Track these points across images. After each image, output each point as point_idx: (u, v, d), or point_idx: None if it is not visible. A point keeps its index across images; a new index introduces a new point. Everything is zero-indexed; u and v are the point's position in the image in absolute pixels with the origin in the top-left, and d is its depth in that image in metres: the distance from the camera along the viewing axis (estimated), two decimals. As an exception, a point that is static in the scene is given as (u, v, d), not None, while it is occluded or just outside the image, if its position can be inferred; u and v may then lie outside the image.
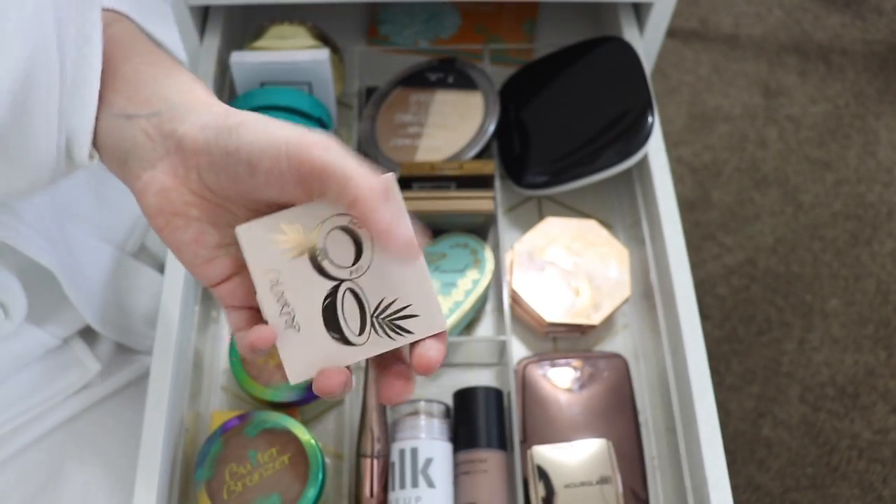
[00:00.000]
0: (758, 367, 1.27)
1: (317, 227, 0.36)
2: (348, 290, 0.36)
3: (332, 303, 0.36)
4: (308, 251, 0.36)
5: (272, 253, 0.36)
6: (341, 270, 0.36)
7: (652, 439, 0.62)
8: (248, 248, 0.36)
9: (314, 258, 0.36)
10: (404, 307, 0.36)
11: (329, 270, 0.36)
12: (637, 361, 0.65)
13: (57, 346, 0.57)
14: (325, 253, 0.36)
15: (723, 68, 1.60)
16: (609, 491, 0.54)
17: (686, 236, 0.65)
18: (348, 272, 0.36)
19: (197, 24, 0.74)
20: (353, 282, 0.36)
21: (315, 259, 0.36)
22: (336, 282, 0.36)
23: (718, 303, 1.33)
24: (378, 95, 0.74)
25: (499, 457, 0.57)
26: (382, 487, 0.56)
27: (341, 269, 0.36)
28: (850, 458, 1.20)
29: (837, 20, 1.67)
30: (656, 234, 0.66)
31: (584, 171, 0.68)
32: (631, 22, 0.77)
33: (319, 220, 0.36)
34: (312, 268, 0.36)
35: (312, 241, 0.36)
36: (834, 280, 1.35)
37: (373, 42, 0.84)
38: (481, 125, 0.70)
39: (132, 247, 0.63)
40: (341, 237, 0.36)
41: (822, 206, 1.43)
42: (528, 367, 0.62)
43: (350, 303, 0.36)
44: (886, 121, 1.53)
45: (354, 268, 0.36)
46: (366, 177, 0.33)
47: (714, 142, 1.50)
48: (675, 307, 0.61)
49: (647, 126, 0.67)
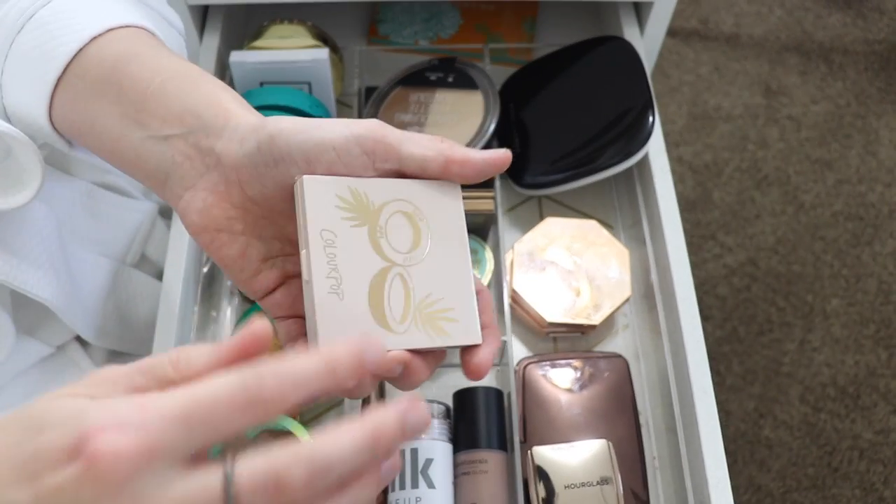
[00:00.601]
0: (758, 368, 1.27)
1: (382, 204, 0.36)
2: (398, 276, 0.35)
3: (380, 282, 0.35)
4: (369, 224, 0.35)
5: (333, 213, 0.35)
6: (396, 254, 0.36)
7: (652, 440, 0.62)
8: (308, 200, 0.34)
9: (373, 233, 0.35)
10: (448, 309, 0.36)
11: (385, 250, 0.35)
12: (637, 362, 0.65)
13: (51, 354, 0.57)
14: (384, 232, 0.35)
15: (723, 68, 1.59)
16: (609, 491, 0.53)
17: (686, 236, 0.65)
18: (403, 258, 0.36)
19: (196, 23, 0.74)
20: (405, 268, 0.36)
21: (374, 235, 0.35)
22: (389, 263, 0.35)
23: (719, 303, 1.33)
24: (378, 95, 0.74)
25: (499, 457, 0.57)
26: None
27: (397, 253, 0.36)
28: (851, 459, 1.20)
29: (838, 20, 1.67)
30: (657, 234, 0.66)
31: (585, 171, 0.68)
32: (631, 21, 0.77)
33: (387, 199, 0.36)
34: (369, 242, 0.35)
35: (375, 216, 0.35)
36: (835, 280, 1.35)
37: (373, 41, 0.84)
38: (481, 125, 0.70)
39: (132, 258, 0.62)
40: (402, 222, 0.36)
41: (823, 205, 1.43)
42: (529, 367, 0.62)
43: (398, 288, 0.35)
44: (887, 120, 1.53)
45: (410, 255, 0.36)
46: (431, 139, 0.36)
47: (715, 141, 1.50)
48: (676, 307, 0.60)
49: (648, 126, 0.67)
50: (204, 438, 0.26)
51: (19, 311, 0.51)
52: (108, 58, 0.39)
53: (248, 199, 0.36)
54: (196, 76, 0.39)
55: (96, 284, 0.58)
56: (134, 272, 0.62)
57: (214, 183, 0.36)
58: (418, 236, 0.36)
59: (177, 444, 0.25)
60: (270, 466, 0.26)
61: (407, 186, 0.37)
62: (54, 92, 0.40)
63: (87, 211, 0.58)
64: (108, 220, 0.60)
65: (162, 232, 0.65)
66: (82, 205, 0.58)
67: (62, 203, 0.56)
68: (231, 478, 0.26)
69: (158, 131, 0.37)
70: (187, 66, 0.40)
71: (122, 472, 0.24)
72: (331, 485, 0.27)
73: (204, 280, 0.65)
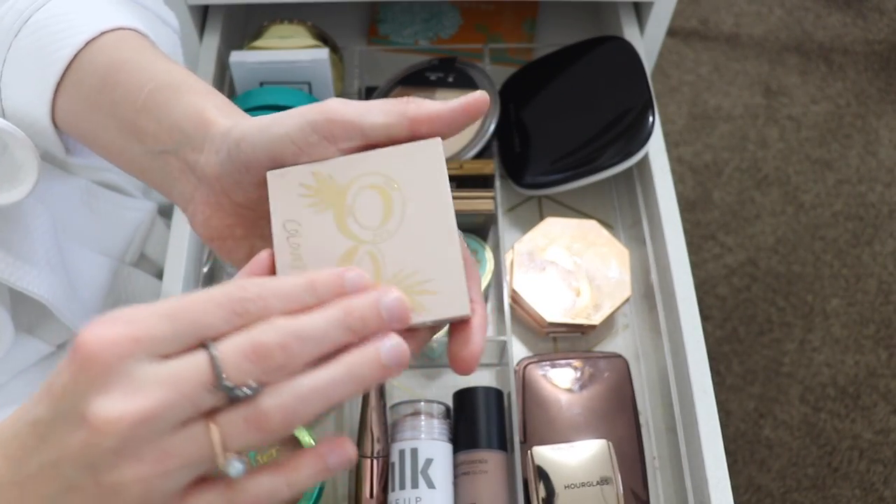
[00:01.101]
0: (758, 368, 1.27)
1: (349, 182, 0.34)
2: (367, 254, 0.33)
3: (346, 264, 0.33)
4: (334, 206, 0.34)
5: (297, 202, 0.34)
6: (365, 231, 0.33)
7: (652, 440, 0.62)
8: (273, 194, 0.34)
9: (339, 215, 0.34)
10: (425, 281, 0.32)
11: (352, 229, 0.33)
12: (637, 362, 0.65)
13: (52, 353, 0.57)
14: (352, 210, 0.34)
15: (723, 68, 1.59)
16: (609, 491, 0.53)
17: (686, 236, 0.65)
18: (372, 234, 0.33)
19: (196, 23, 0.74)
20: (374, 245, 0.33)
21: (340, 216, 0.34)
22: (356, 243, 0.33)
23: (719, 303, 1.33)
24: (378, 95, 0.74)
25: (499, 457, 0.57)
26: (382, 488, 0.56)
27: (365, 230, 0.33)
28: (851, 459, 1.20)
29: (838, 19, 1.67)
30: (657, 234, 0.66)
31: (585, 171, 0.68)
32: (631, 21, 0.77)
33: (353, 175, 0.34)
34: (335, 224, 0.34)
35: (342, 196, 0.34)
36: (835, 280, 1.35)
37: (373, 41, 0.84)
38: (481, 125, 0.70)
39: (132, 257, 0.62)
40: (372, 196, 0.34)
41: (823, 205, 1.43)
42: (529, 367, 0.62)
43: (367, 268, 0.33)
44: (887, 120, 1.53)
45: (379, 230, 0.33)
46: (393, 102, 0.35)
47: (715, 141, 1.50)
48: (676, 307, 0.60)
49: (648, 126, 0.67)
50: (188, 336, 0.27)
51: (19, 309, 0.51)
52: (99, 68, 0.40)
53: (238, 206, 0.36)
54: (179, 85, 0.38)
55: (95, 283, 0.58)
56: (133, 271, 0.62)
57: (206, 195, 0.36)
58: (390, 208, 0.33)
59: (162, 335, 0.27)
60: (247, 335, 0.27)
61: (377, 157, 0.34)
62: (56, 96, 0.40)
63: (86, 209, 0.58)
64: (108, 218, 0.60)
65: (162, 231, 0.65)
66: (82, 202, 0.58)
67: (61, 201, 0.56)
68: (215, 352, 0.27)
69: (153, 147, 0.38)
70: (172, 74, 0.39)
71: (107, 357, 0.26)
72: (310, 351, 0.28)
73: (204, 279, 0.65)
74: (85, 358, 0.26)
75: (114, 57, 0.40)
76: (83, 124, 0.41)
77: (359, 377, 0.29)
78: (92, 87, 0.40)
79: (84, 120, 0.40)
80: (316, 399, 0.28)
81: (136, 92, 0.38)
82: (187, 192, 0.37)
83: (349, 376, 0.28)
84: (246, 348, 0.27)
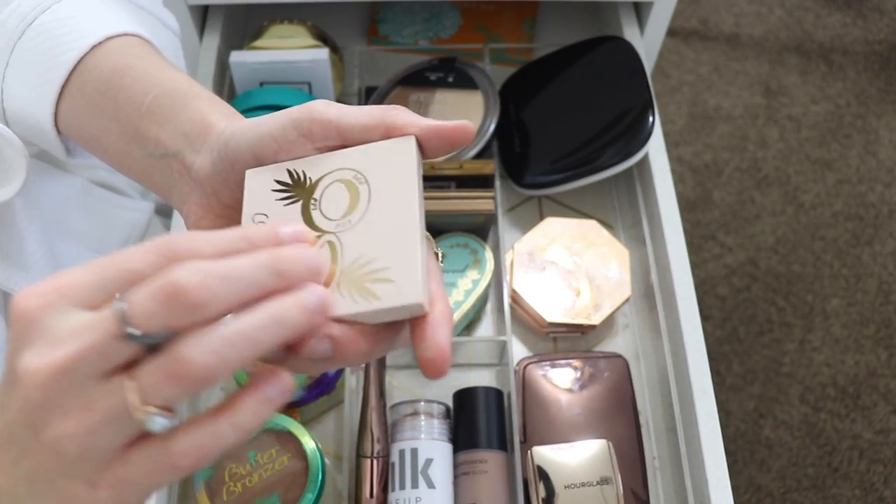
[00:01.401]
0: (758, 368, 1.27)
1: (320, 177, 0.35)
2: (327, 243, 0.33)
3: None
4: (303, 199, 0.34)
5: (268, 197, 0.35)
6: (328, 222, 0.34)
7: (652, 440, 0.62)
8: (248, 190, 0.35)
9: (306, 207, 0.34)
10: (380, 269, 0.32)
11: (316, 221, 0.34)
12: (637, 362, 0.65)
13: None
14: (318, 203, 0.34)
15: (723, 68, 1.59)
16: (609, 491, 0.53)
17: (686, 236, 0.65)
18: (335, 225, 0.34)
19: (197, 23, 0.74)
20: (335, 235, 0.33)
21: (307, 208, 0.34)
22: (318, 233, 0.34)
23: (719, 303, 1.33)
24: (378, 95, 0.74)
25: (499, 457, 0.57)
26: (382, 488, 0.56)
27: (328, 221, 0.34)
28: (851, 459, 1.20)
29: (838, 20, 1.67)
30: (657, 234, 0.66)
31: (585, 171, 0.68)
32: (631, 21, 0.77)
33: (325, 171, 0.35)
34: (300, 216, 0.34)
35: (311, 190, 0.34)
36: (835, 280, 1.35)
37: (373, 41, 0.84)
38: (481, 125, 0.70)
39: None
40: (339, 190, 0.34)
41: (823, 205, 1.43)
42: (529, 367, 0.62)
43: (324, 256, 0.33)
44: (887, 120, 1.53)
45: (342, 221, 0.34)
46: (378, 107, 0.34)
47: (715, 141, 1.50)
48: (676, 307, 0.60)
49: (648, 126, 0.67)
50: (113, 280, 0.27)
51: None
52: (104, 72, 0.40)
53: (226, 206, 0.37)
54: (185, 92, 0.39)
55: None
56: None
57: (199, 196, 0.37)
58: (356, 200, 0.34)
59: (85, 284, 0.27)
60: (165, 276, 0.26)
61: (352, 153, 0.35)
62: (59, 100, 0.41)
63: (81, 208, 0.59)
64: (104, 217, 0.60)
65: (159, 230, 0.65)
66: (77, 202, 0.58)
67: (57, 200, 0.56)
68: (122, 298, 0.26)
69: (155, 151, 0.38)
70: (178, 81, 0.40)
71: (31, 311, 0.26)
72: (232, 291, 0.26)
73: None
74: (14, 315, 0.26)
75: (118, 62, 0.40)
76: (85, 128, 0.41)
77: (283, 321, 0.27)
78: (95, 91, 0.40)
79: (86, 124, 0.41)
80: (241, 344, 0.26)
81: (140, 97, 0.39)
82: (185, 193, 0.37)
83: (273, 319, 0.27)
84: (156, 290, 0.25)
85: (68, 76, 0.40)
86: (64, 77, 0.40)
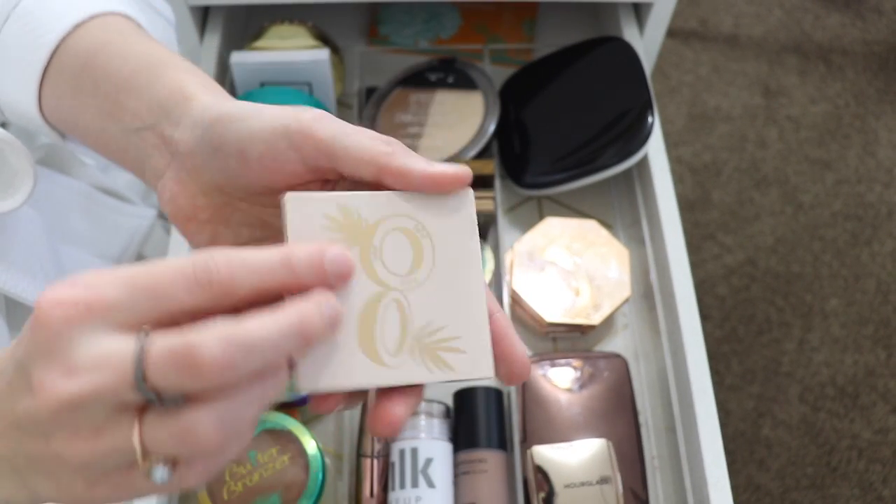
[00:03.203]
0: (758, 367, 1.27)
1: (378, 221, 0.32)
2: (394, 301, 0.31)
3: (372, 309, 0.31)
4: (361, 245, 0.32)
5: (320, 235, 0.31)
6: (393, 277, 0.31)
7: (652, 439, 0.62)
8: (293, 223, 0.31)
9: (365, 255, 0.31)
10: (452, 338, 0.31)
11: (379, 273, 0.31)
12: (637, 361, 0.65)
13: None
14: (379, 253, 0.32)
15: (723, 68, 1.60)
16: (609, 491, 0.54)
17: (686, 236, 0.65)
18: (400, 281, 0.31)
19: (197, 24, 0.74)
20: (402, 293, 0.31)
21: (366, 256, 0.31)
22: (383, 288, 0.31)
23: (718, 303, 1.33)
24: (378, 95, 0.74)
25: (499, 457, 0.57)
26: (382, 487, 0.56)
27: (393, 276, 0.31)
28: (850, 458, 1.20)
29: (837, 20, 1.67)
30: (656, 234, 0.66)
31: (584, 171, 0.68)
32: (631, 22, 0.77)
33: (383, 215, 0.32)
34: (360, 265, 0.31)
35: (369, 235, 0.32)
36: (834, 280, 1.35)
37: (373, 42, 0.84)
38: (481, 125, 0.70)
39: (129, 261, 0.62)
40: (401, 240, 0.32)
41: (822, 206, 1.43)
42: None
43: (392, 316, 0.31)
44: (886, 121, 1.53)
45: (408, 278, 0.32)
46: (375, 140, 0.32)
47: (714, 142, 1.50)
48: (675, 307, 0.61)
49: (647, 126, 0.67)
50: (147, 305, 0.26)
51: (15, 316, 0.51)
52: (82, 50, 0.39)
53: (205, 187, 0.35)
54: (162, 63, 0.38)
55: None
56: None
57: (176, 171, 0.35)
58: (420, 256, 0.32)
59: (117, 305, 0.25)
60: (186, 338, 0.24)
61: (408, 199, 0.33)
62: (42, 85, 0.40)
63: (84, 213, 0.58)
64: (105, 223, 0.60)
65: (160, 237, 0.65)
66: (80, 207, 0.58)
67: (60, 204, 0.56)
68: (143, 344, 0.25)
69: (131, 124, 0.37)
70: (156, 54, 0.38)
71: (57, 323, 0.25)
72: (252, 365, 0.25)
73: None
74: (38, 320, 0.25)
75: (98, 39, 0.39)
76: (65, 108, 0.40)
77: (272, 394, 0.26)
78: (74, 69, 0.39)
79: (65, 104, 0.40)
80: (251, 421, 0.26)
81: (117, 71, 0.37)
82: (160, 168, 0.36)
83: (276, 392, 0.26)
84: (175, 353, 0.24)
85: (50, 58, 0.39)
86: (45, 59, 0.39)
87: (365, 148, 0.32)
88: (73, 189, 0.57)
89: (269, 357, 0.25)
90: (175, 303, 0.26)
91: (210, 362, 0.24)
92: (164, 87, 0.36)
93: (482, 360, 0.32)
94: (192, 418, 0.24)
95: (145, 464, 0.25)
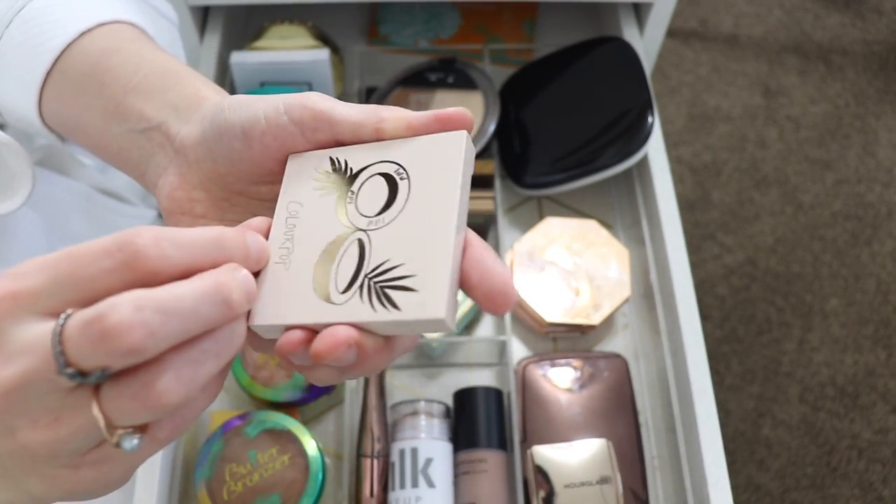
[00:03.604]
0: (758, 367, 1.27)
1: (361, 168, 0.33)
2: (356, 241, 0.31)
3: (333, 249, 0.31)
4: (339, 191, 0.33)
5: (307, 185, 0.33)
6: (361, 219, 0.31)
7: (652, 439, 0.62)
8: (287, 175, 0.33)
9: (342, 200, 0.32)
10: (406, 276, 0.29)
11: (350, 215, 0.32)
12: (637, 361, 0.65)
13: None
14: (355, 197, 0.32)
15: (723, 68, 1.60)
16: (609, 491, 0.54)
17: (686, 236, 0.65)
18: (367, 222, 0.31)
19: (197, 24, 0.74)
20: (366, 233, 0.31)
21: (342, 201, 0.32)
22: (349, 229, 0.31)
23: (718, 303, 1.33)
24: (378, 95, 0.74)
25: (499, 457, 0.57)
26: (382, 487, 0.56)
27: (361, 218, 0.32)
28: (850, 458, 1.20)
29: (837, 20, 1.67)
30: (656, 234, 0.66)
31: (584, 171, 0.68)
32: (631, 22, 0.77)
33: (367, 162, 0.33)
34: (334, 209, 0.32)
35: (350, 181, 0.33)
36: (834, 280, 1.35)
37: (373, 42, 0.84)
38: (481, 125, 0.70)
39: None
40: (379, 184, 0.32)
41: (822, 206, 1.43)
42: (528, 367, 0.62)
43: (352, 255, 0.31)
44: (886, 121, 1.53)
45: (376, 218, 0.31)
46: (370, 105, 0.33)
47: (714, 142, 1.50)
48: (675, 307, 0.61)
49: (647, 126, 0.67)
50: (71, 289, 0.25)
51: None
52: (92, 54, 0.39)
53: (206, 178, 0.36)
54: (176, 73, 0.38)
55: None
56: None
57: (179, 166, 0.36)
58: (394, 197, 0.31)
59: (42, 291, 0.25)
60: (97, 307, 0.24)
61: (399, 146, 0.33)
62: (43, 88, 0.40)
63: (83, 214, 0.58)
64: (104, 224, 0.60)
65: None
66: (80, 208, 0.58)
67: (59, 205, 0.56)
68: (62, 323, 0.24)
69: (136, 125, 0.37)
70: (170, 62, 0.39)
71: None
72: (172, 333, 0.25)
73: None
74: None
75: (109, 44, 0.40)
76: (64, 110, 0.40)
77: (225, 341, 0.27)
78: (80, 73, 0.39)
79: (65, 105, 0.40)
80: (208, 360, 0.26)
81: (128, 75, 0.38)
82: (162, 164, 0.37)
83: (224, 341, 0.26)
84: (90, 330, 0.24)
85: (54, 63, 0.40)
86: (49, 64, 0.39)
87: (361, 108, 0.33)
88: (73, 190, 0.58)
89: (190, 320, 0.25)
90: (100, 283, 0.25)
91: (121, 327, 0.23)
92: (180, 93, 0.37)
93: (434, 300, 0.28)
94: (148, 381, 0.24)
95: (113, 436, 0.25)
